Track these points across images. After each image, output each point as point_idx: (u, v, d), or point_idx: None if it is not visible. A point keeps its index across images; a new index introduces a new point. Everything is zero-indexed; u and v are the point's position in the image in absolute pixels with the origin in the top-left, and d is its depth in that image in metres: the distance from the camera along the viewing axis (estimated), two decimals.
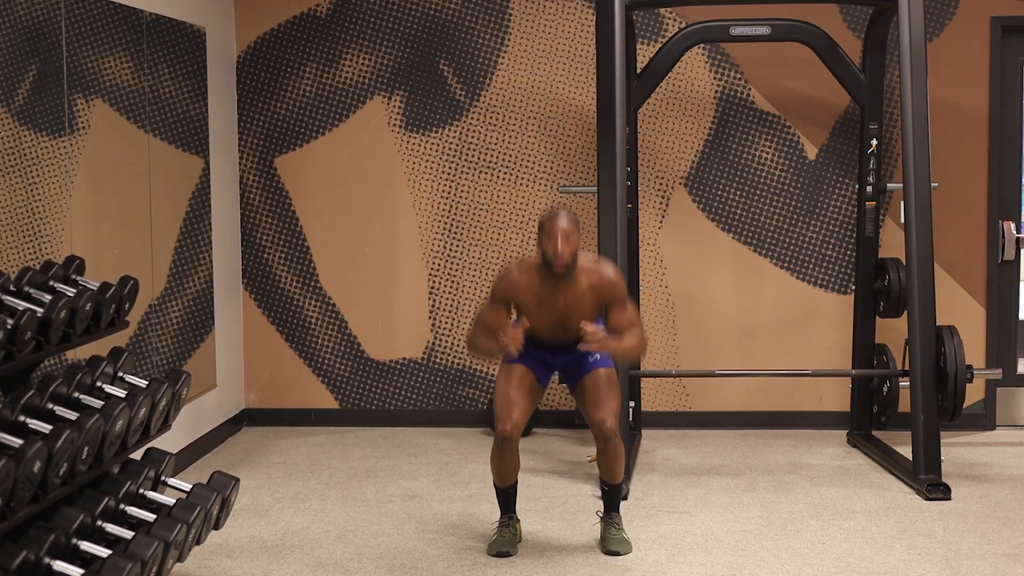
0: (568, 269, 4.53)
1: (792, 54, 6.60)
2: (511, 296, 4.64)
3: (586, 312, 4.59)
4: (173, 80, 5.91)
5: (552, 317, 4.62)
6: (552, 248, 4.48)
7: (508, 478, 4.78)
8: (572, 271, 4.55)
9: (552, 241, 4.48)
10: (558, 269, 4.51)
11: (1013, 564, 4.64)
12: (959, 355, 5.83)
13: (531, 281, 4.61)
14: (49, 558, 3.33)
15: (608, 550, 4.78)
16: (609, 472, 4.80)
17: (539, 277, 4.61)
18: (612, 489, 4.85)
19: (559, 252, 4.47)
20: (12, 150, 4.52)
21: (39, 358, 3.77)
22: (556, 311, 4.61)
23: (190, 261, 6.17)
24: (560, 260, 4.49)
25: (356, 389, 7.03)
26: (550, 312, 4.61)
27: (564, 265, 4.50)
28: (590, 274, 4.60)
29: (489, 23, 6.82)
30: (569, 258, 4.50)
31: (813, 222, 6.83)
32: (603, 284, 4.60)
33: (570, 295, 4.58)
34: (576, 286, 4.58)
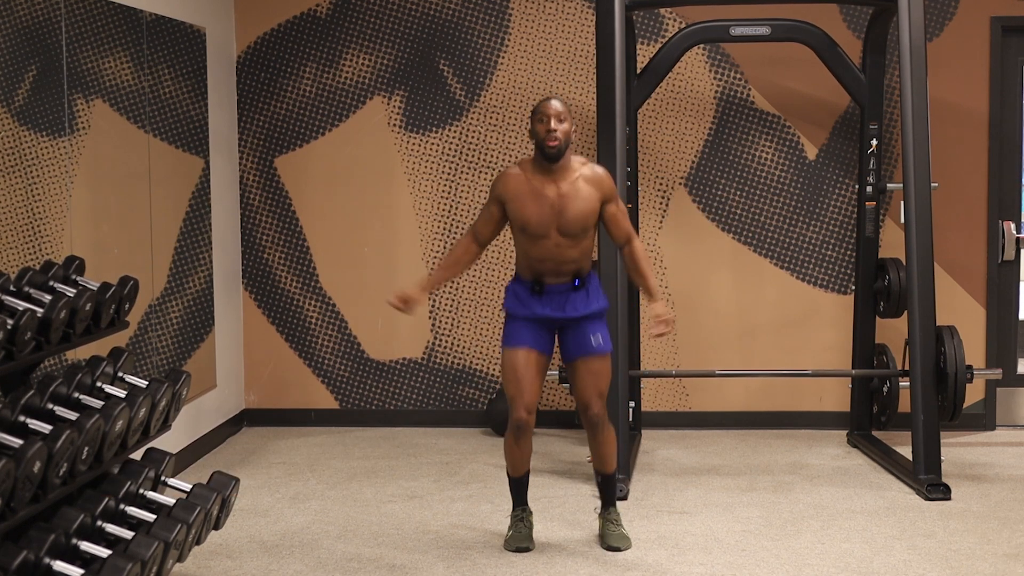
0: (561, 151, 4.57)
1: (792, 54, 6.60)
2: (505, 192, 4.66)
3: (582, 201, 4.59)
4: (173, 80, 5.91)
5: (547, 210, 4.59)
6: (545, 128, 4.54)
7: (522, 466, 4.78)
8: (565, 156, 4.59)
9: (545, 121, 4.55)
10: (551, 146, 4.55)
11: (1013, 564, 4.64)
12: (959, 355, 5.83)
13: (525, 173, 4.65)
14: (49, 558, 3.33)
15: (608, 546, 4.79)
16: (601, 460, 4.81)
17: (533, 168, 4.65)
18: (607, 479, 4.85)
19: (552, 129, 4.53)
20: (12, 150, 4.52)
21: (39, 358, 3.77)
22: (550, 201, 4.59)
23: (190, 261, 6.17)
24: (553, 137, 4.54)
25: (356, 389, 7.03)
26: (544, 204, 4.60)
27: (557, 143, 4.54)
28: (584, 167, 4.67)
29: (489, 23, 6.83)
30: (562, 137, 4.55)
31: (813, 222, 6.83)
32: (598, 176, 4.65)
33: (564, 184, 4.60)
34: (570, 175, 4.62)
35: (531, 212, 4.60)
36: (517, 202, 4.62)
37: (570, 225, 4.59)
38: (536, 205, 4.60)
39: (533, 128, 4.59)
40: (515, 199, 4.63)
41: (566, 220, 4.59)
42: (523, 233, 4.66)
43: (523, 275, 4.74)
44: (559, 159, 4.58)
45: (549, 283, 4.68)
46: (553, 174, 4.61)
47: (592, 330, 4.73)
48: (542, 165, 4.61)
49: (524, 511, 4.86)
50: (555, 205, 4.59)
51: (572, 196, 4.59)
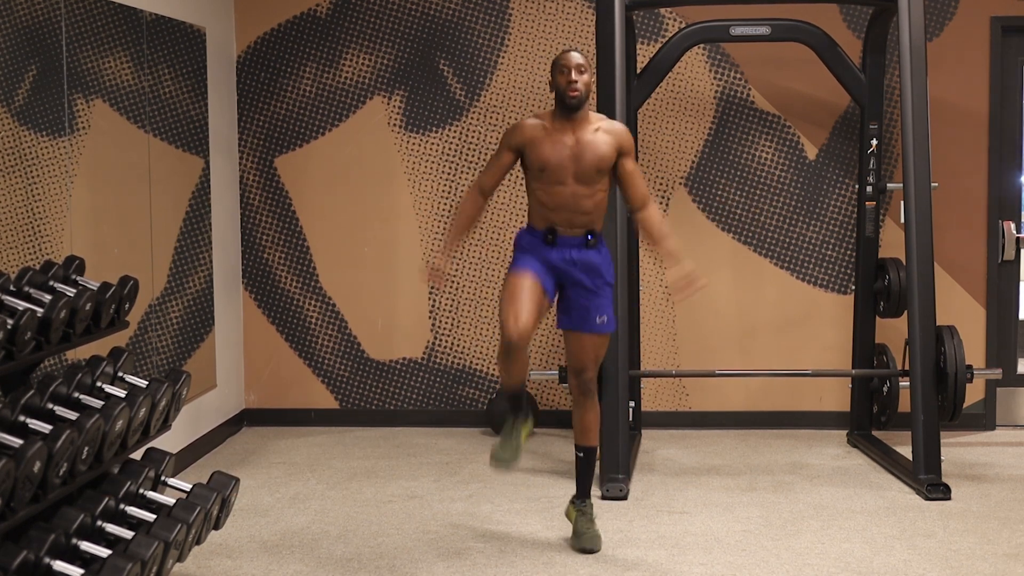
0: (581, 101, 4.59)
1: (792, 54, 6.60)
2: (519, 139, 4.66)
3: (600, 149, 4.60)
4: (173, 80, 5.91)
5: (565, 156, 4.60)
6: (566, 79, 4.56)
7: (517, 378, 4.64)
8: (585, 107, 4.61)
9: (566, 72, 4.57)
10: (572, 96, 4.57)
11: (1013, 564, 4.64)
12: (959, 355, 5.83)
13: (543, 122, 4.66)
14: (49, 558, 3.33)
15: (582, 547, 4.75)
16: (584, 431, 4.79)
17: (552, 118, 4.66)
18: (588, 455, 4.80)
19: (573, 80, 4.55)
20: (12, 150, 4.52)
21: (39, 358, 3.77)
22: (568, 148, 4.60)
23: (190, 261, 6.17)
24: (574, 88, 4.56)
25: (356, 389, 7.03)
26: (562, 150, 4.60)
27: (578, 95, 4.57)
28: (603, 120, 4.70)
29: (489, 23, 6.83)
30: (583, 88, 4.57)
31: (813, 222, 6.83)
32: (617, 129, 4.68)
33: (583, 134, 4.62)
34: (588, 127, 4.63)
35: (549, 154, 4.60)
36: (535, 145, 4.63)
37: (587, 169, 4.60)
38: (554, 149, 4.61)
39: (554, 79, 4.61)
40: (533, 143, 4.63)
41: (583, 165, 4.60)
42: (540, 179, 4.64)
43: (536, 225, 4.70)
44: (579, 109, 4.61)
45: (562, 234, 4.65)
46: (572, 123, 4.63)
47: (599, 307, 4.67)
48: (562, 115, 4.63)
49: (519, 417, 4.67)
50: (573, 150, 4.61)
51: (590, 143, 4.61)
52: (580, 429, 4.82)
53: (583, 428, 4.81)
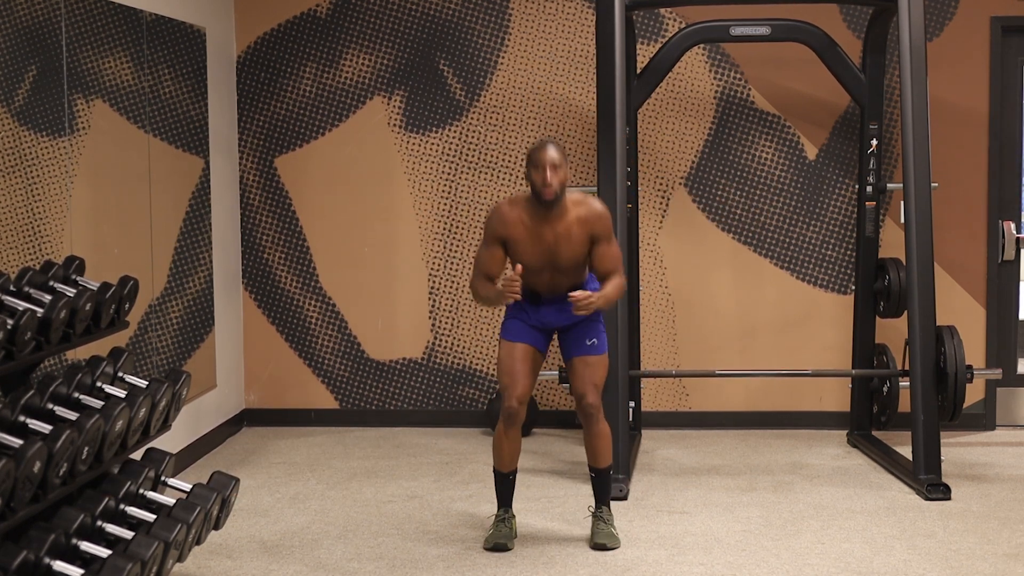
0: (557, 198, 4.62)
1: (792, 54, 6.60)
2: (503, 232, 4.71)
3: (574, 243, 4.66)
4: (173, 80, 5.91)
5: (543, 251, 4.68)
6: (541, 178, 4.59)
7: (510, 461, 4.82)
8: (561, 200, 4.64)
9: (541, 171, 4.59)
10: (547, 197, 4.60)
11: (1013, 564, 4.64)
12: (959, 355, 5.83)
13: (521, 215, 4.69)
14: (49, 558, 3.33)
15: (595, 544, 4.80)
16: (595, 455, 4.84)
17: (529, 211, 4.69)
18: (600, 475, 4.87)
19: (548, 181, 4.58)
20: (12, 150, 4.52)
21: (39, 358, 3.77)
22: (545, 243, 4.67)
23: (190, 261, 6.17)
24: (550, 189, 4.59)
25: (356, 389, 7.03)
26: (540, 245, 4.67)
27: (554, 193, 4.60)
28: (579, 206, 4.70)
29: (489, 23, 6.83)
30: (558, 187, 4.60)
31: (813, 222, 6.83)
32: (591, 216, 4.69)
33: (559, 227, 4.66)
34: (565, 218, 4.67)
35: (528, 254, 4.68)
36: (515, 244, 4.71)
37: (564, 264, 4.71)
38: (532, 247, 4.68)
39: (528, 174, 4.64)
40: (513, 241, 4.71)
41: (560, 261, 4.69)
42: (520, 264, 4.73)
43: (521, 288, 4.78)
44: (555, 205, 4.65)
45: (545, 296, 4.79)
46: (549, 215, 4.67)
47: (589, 334, 4.82)
48: (538, 207, 4.67)
49: (508, 513, 4.88)
50: (550, 246, 4.68)
51: (566, 239, 4.66)
52: (591, 453, 4.88)
53: (593, 452, 4.87)
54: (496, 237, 4.73)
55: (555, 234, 4.66)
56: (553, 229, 4.66)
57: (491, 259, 4.76)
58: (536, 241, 4.67)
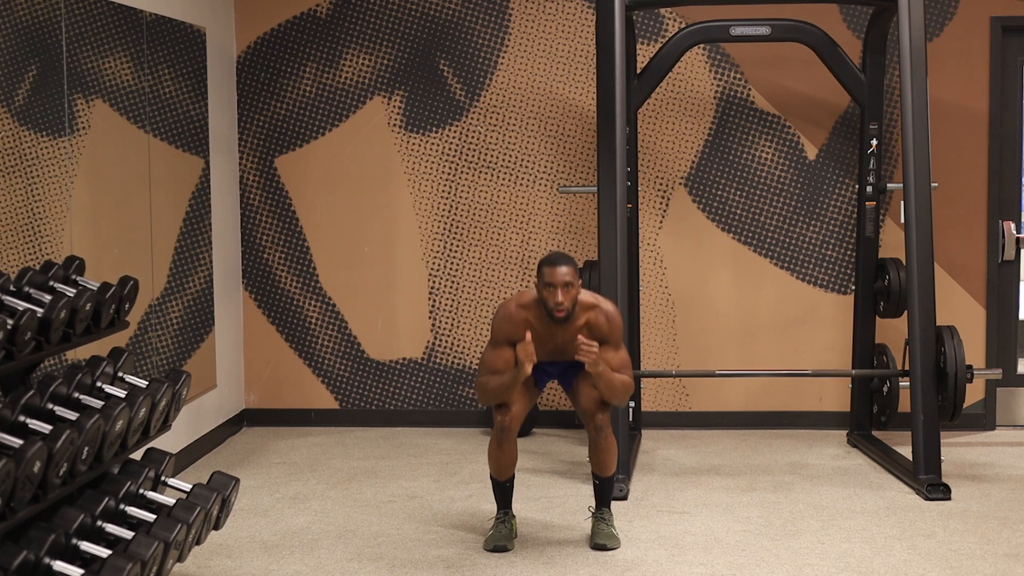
0: (568, 318, 4.64)
1: (792, 54, 6.60)
2: (512, 335, 4.71)
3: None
4: (173, 80, 5.91)
5: (550, 352, 4.75)
6: (553, 299, 4.59)
7: (506, 471, 4.83)
8: (572, 316, 4.66)
9: (552, 292, 4.59)
10: (559, 318, 4.63)
11: (1013, 564, 4.64)
12: (959, 355, 5.83)
13: (529, 318, 4.71)
14: (49, 558, 3.33)
15: (595, 543, 4.80)
16: (600, 465, 4.84)
17: (537, 315, 4.71)
18: (604, 483, 4.88)
19: (560, 303, 4.59)
20: (12, 150, 4.52)
21: (39, 358, 3.77)
22: (554, 346, 4.74)
23: (190, 261, 6.17)
24: (562, 310, 4.60)
25: (356, 389, 7.03)
26: (548, 347, 4.73)
27: (565, 312, 4.62)
28: (588, 311, 4.71)
29: (489, 23, 6.83)
30: (570, 306, 4.61)
31: (813, 222, 6.83)
32: (600, 323, 4.70)
33: (568, 332, 4.70)
34: (574, 323, 4.70)
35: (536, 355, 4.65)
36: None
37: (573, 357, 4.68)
38: (540, 348, 4.67)
39: (539, 291, 4.64)
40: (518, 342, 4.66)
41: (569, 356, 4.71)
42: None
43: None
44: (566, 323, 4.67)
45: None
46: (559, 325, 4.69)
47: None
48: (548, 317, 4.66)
49: (507, 514, 4.88)
50: (558, 348, 4.73)
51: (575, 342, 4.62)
52: (597, 463, 4.87)
53: (598, 462, 4.86)
54: (505, 339, 4.72)
55: (564, 339, 4.70)
56: (562, 334, 4.70)
57: (499, 359, 4.72)
58: (543, 343, 4.69)
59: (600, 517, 4.87)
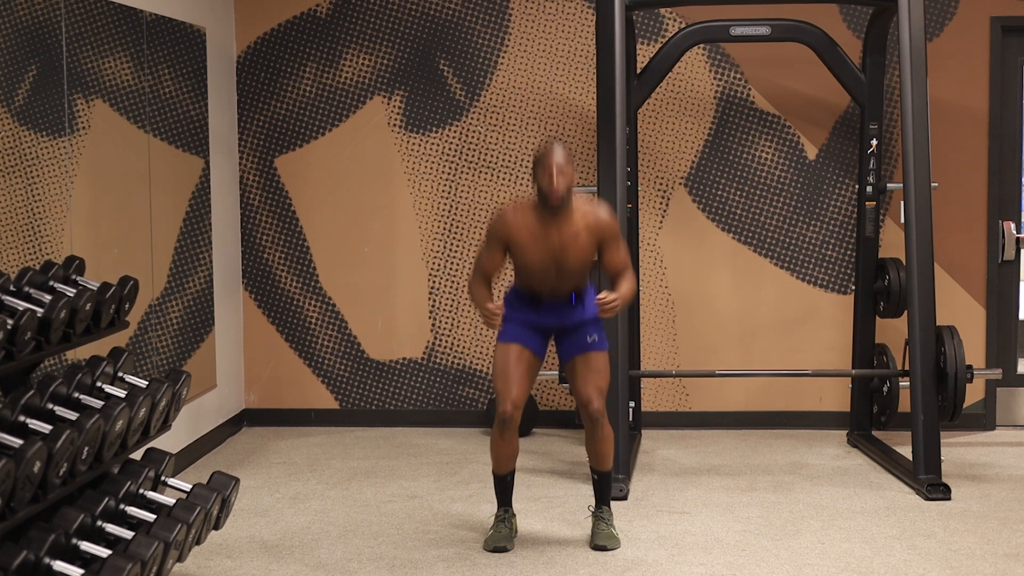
0: (563, 201, 4.61)
1: (792, 54, 6.60)
2: (506, 235, 4.70)
3: (580, 247, 4.65)
4: (173, 80, 5.91)
5: (547, 255, 4.67)
6: (548, 181, 4.58)
7: (507, 464, 4.83)
8: (567, 204, 4.64)
9: (548, 174, 4.58)
10: (554, 201, 4.60)
11: (1013, 564, 4.64)
12: (959, 355, 5.83)
13: (526, 219, 4.69)
14: (49, 558, 3.33)
15: (595, 544, 4.80)
16: (598, 458, 4.84)
17: (534, 215, 4.68)
18: (602, 477, 4.87)
19: (555, 185, 4.57)
20: (12, 150, 4.52)
21: (39, 358, 3.77)
22: (551, 248, 4.66)
23: (190, 261, 6.17)
24: (556, 192, 4.58)
25: (356, 389, 7.03)
26: (545, 249, 4.66)
27: (560, 197, 4.59)
28: (585, 214, 4.69)
29: (489, 23, 6.83)
30: (564, 190, 4.59)
31: (813, 222, 6.83)
32: (599, 223, 4.69)
33: (565, 231, 4.65)
34: (571, 223, 4.66)
35: (533, 256, 4.67)
36: (519, 246, 4.69)
37: (569, 268, 4.69)
38: (537, 249, 4.66)
39: (536, 177, 4.63)
40: (517, 243, 4.69)
41: (566, 263, 4.68)
42: (523, 269, 4.74)
43: (521, 289, 4.82)
44: (561, 209, 4.64)
45: (548, 299, 4.78)
46: (555, 218, 4.66)
47: (589, 331, 4.80)
48: (544, 211, 4.66)
49: (507, 512, 4.88)
50: (556, 249, 4.67)
51: (572, 243, 4.65)
52: (594, 456, 4.87)
53: (596, 455, 4.86)
54: (498, 239, 4.73)
55: (561, 238, 4.65)
56: (559, 232, 4.65)
57: (490, 261, 4.75)
58: (541, 244, 4.66)
59: (600, 516, 4.87)
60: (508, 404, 4.70)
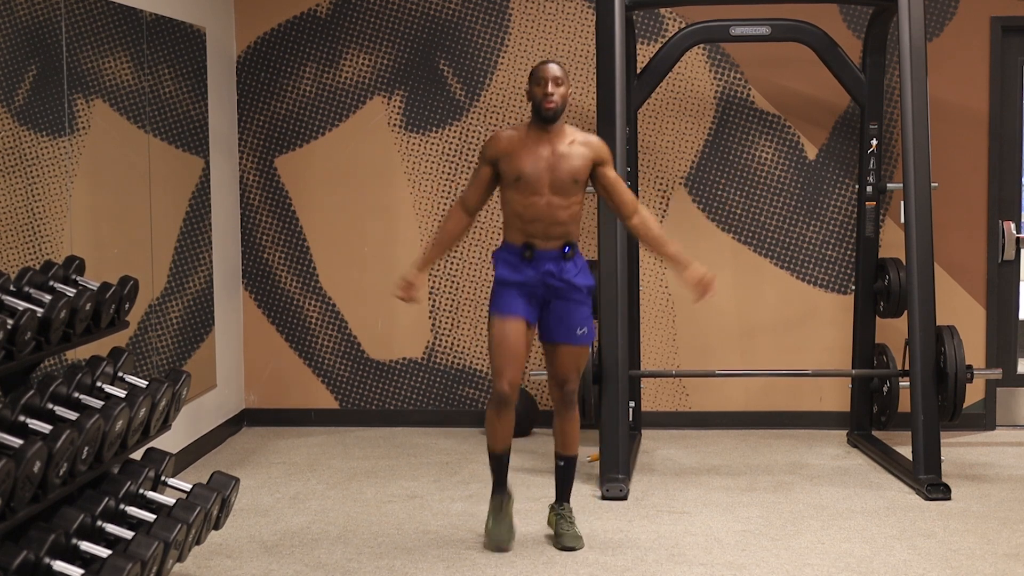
0: (557, 113, 4.62)
1: (792, 54, 6.60)
2: (498, 151, 4.68)
3: (575, 161, 4.64)
4: (173, 80, 5.91)
5: (541, 168, 4.63)
6: (542, 91, 4.59)
7: (503, 441, 4.79)
8: (560, 115, 4.64)
9: (543, 85, 4.60)
10: (548, 111, 4.60)
11: (1013, 564, 4.64)
12: (959, 355, 5.83)
13: (519, 135, 4.69)
14: (49, 558, 3.33)
15: (563, 546, 4.77)
16: (565, 439, 4.84)
17: (528, 132, 4.69)
18: (568, 464, 4.86)
19: (549, 93, 4.58)
20: (12, 150, 4.52)
21: (39, 358, 3.77)
22: (545, 160, 4.64)
23: (190, 261, 6.17)
24: (551, 102, 4.59)
25: (356, 389, 7.03)
26: (539, 162, 4.63)
27: (554, 106, 4.60)
28: (577, 134, 4.71)
29: (489, 23, 6.83)
30: (559, 101, 4.60)
31: (813, 222, 6.83)
32: (591, 141, 4.71)
33: (559, 145, 4.65)
34: (564, 138, 4.67)
35: (526, 164, 4.63)
36: (511, 157, 4.66)
37: (563, 179, 4.63)
38: (531, 158, 4.63)
39: (530, 90, 4.65)
40: (509, 155, 4.66)
41: (559, 175, 4.63)
42: (515, 188, 4.66)
43: (513, 240, 4.73)
44: (555, 121, 4.64)
45: (539, 247, 4.68)
46: (549, 135, 4.66)
47: (579, 318, 4.73)
48: (538, 126, 4.67)
49: (503, 497, 4.81)
50: (549, 160, 4.64)
51: (566, 154, 4.64)
52: (562, 440, 4.86)
53: (564, 439, 4.85)
54: (488, 158, 4.71)
55: (554, 151, 4.63)
56: (552, 146, 4.64)
57: (476, 180, 4.74)
58: (534, 153, 4.63)
59: (562, 515, 4.84)
60: (505, 384, 4.66)
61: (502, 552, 4.76)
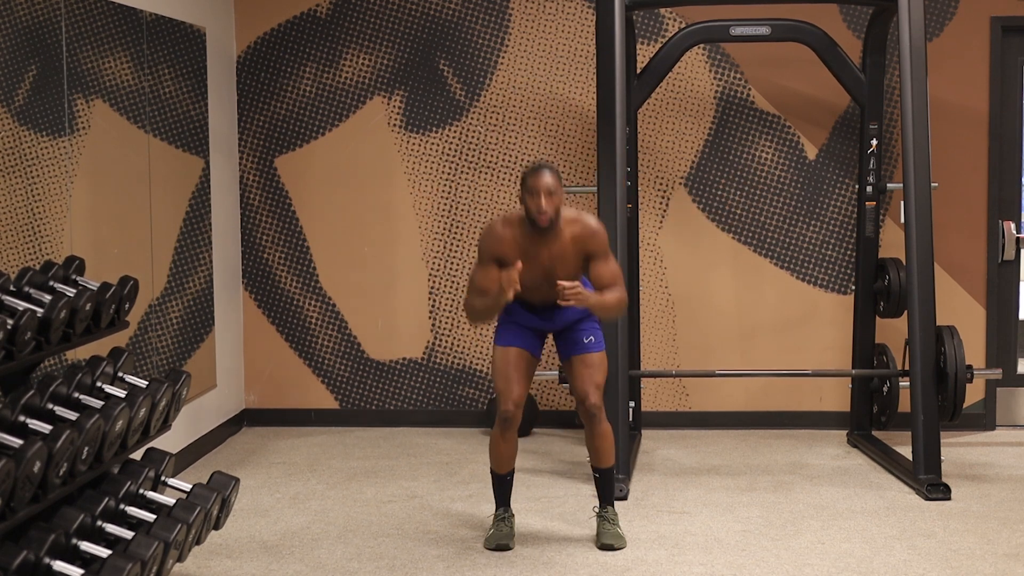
0: (552, 223, 4.63)
1: (792, 54, 6.60)
2: (497, 252, 4.70)
3: (569, 263, 4.68)
4: (173, 80, 5.91)
5: (537, 270, 4.68)
6: (536, 205, 4.59)
7: (507, 463, 4.85)
8: (556, 225, 4.65)
9: (536, 198, 4.59)
10: (542, 224, 4.61)
11: (1013, 564, 4.64)
12: (959, 355, 5.83)
13: (515, 235, 4.69)
14: (49, 558, 3.33)
15: (602, 544, 4.81)
16: (598, 455, 4.86)
17: (523, 230, 4.69)
18: (603, 475, 4.88)
19: (543, 209, 4.58)
20: (12, 150, 4.52)
21: (39, 358, 3.77)
22: (541, 264, 4.68)
23: (190, 261, 6.17)
24: (544, 216, 4.60)
25: (356, 389, 7.03)
26: (535, 265, 4.67)
27: (548, 220, 4.61)
28: (573, 225, 4.70)
29: (489, 23, 6.83)
30: (553, 213, 4.61)
31: (813, 222, 6.83)
32: (585, 234, 4.69)
33: (554, 247, 4.67)
34: (560, 238, 4.68)
35: (523, 273, 4.63)
36: (508, 261, 4.66)
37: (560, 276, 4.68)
38: (528, 267, 4.65)
39: (523, 198, 4.64)
40: (507, 261, 4.67)
41: (556, 275, 4.67)
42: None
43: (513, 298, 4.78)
44: (550, 231, 4.66)
45: (540, 306, 4.81)
46: (543, 236, 4.68)
47: (585, 331, 4.84)
48: (532, 228, 4.67)
49: (507, 512, 4.89)
50: (546, 266, 4.68)
51: (560, 259, 4.67)
52: (594, 453, 4.89)
53: (596, 451, 4.88)
54: (491, 256, 4.72)
55: (550, 254, 4.67)
56: (548, 249, 4.67)
57: (486, 277, 4.72)
58: (531, 261, 4.66)
59: (604, 516, 4.87)
60: (510, 403, 4.74)
61: (502, 552, 4.76)
